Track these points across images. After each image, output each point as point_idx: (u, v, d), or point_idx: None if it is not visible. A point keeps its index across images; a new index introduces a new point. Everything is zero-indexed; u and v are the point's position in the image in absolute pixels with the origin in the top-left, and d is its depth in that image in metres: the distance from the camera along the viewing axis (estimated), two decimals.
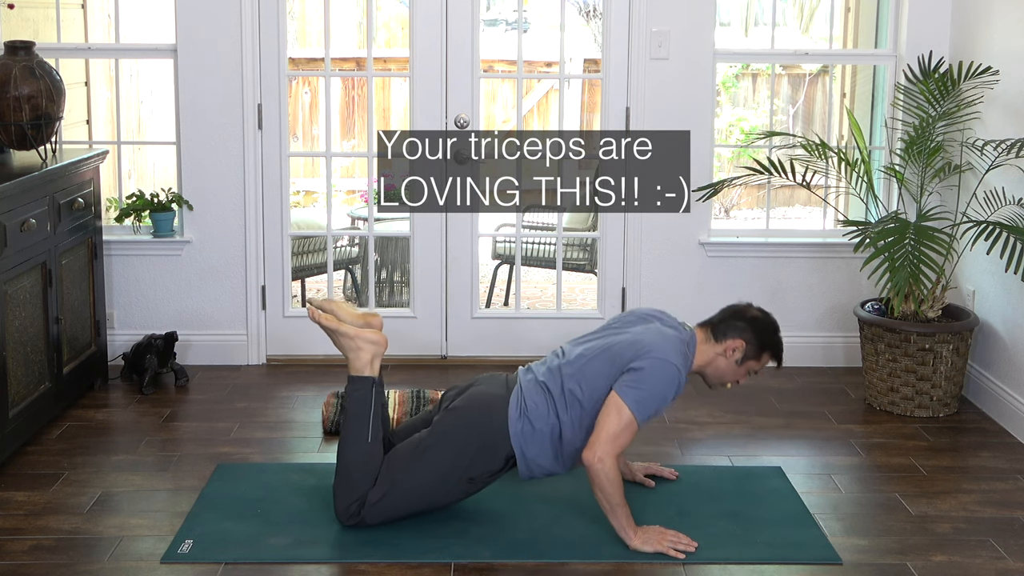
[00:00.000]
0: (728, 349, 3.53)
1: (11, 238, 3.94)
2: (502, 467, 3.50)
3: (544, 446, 3.46)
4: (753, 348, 3.54)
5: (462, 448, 3.45)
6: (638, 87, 5.05)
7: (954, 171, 4.77)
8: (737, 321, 3.56)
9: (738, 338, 3.53)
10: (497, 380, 3.63)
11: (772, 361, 3.61)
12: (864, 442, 4.35)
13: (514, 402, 3.48)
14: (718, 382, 3.61)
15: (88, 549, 3.38)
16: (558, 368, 3.53)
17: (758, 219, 8.32)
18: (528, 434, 3.45)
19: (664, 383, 3.38)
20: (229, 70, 5.01)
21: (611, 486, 3.33)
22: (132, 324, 5.16)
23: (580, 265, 6.39)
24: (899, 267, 4.35)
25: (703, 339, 3.56)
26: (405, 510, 3.47)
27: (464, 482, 3.47)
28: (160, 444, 4.25)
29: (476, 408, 3.50)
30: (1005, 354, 4.57)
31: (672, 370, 3.39)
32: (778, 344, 3.60)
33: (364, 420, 3.48)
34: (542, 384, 3.51)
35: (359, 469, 3.46)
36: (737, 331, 3.54)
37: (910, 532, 3.57)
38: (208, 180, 5.09)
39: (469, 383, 3.65)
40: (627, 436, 3.36)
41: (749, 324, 3.55)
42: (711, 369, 3.56)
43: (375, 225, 5.58)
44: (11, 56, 4.42)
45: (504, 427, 3.45)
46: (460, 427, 3.47)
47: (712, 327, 3.58)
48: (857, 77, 5.76)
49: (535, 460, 3.47)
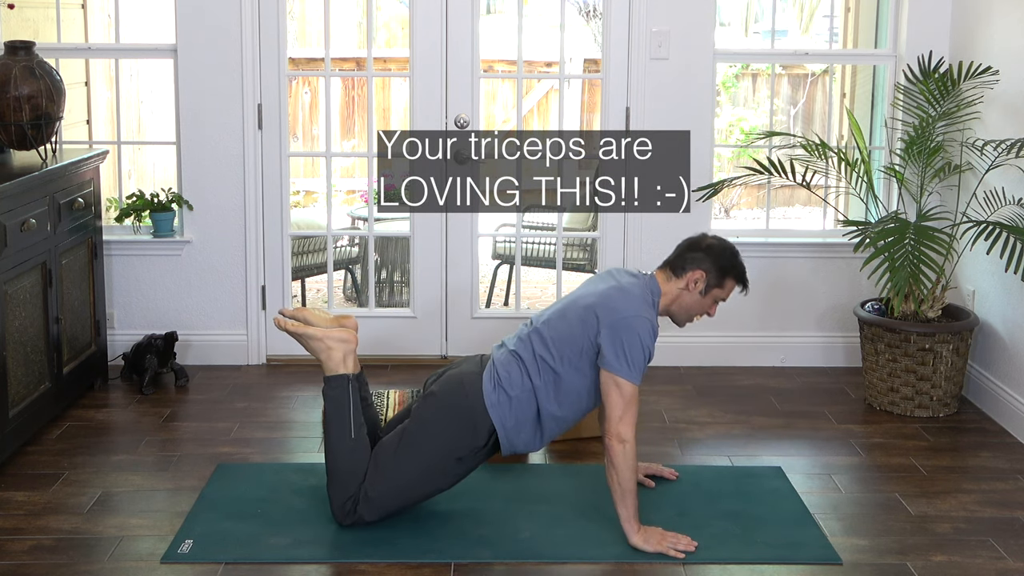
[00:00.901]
0: (690, 282, 3.52)
1: (11, 238, 3.94)
2: (486, 442, 3.50)
3: (523, 415, 3.47)
4: (714, 275, 3.52)
5: (443, 430, 3.45)
6: (638, 87, 5.05)
7: (954, 171, 4.77)
8: (694, 253, 3.54)
9: (697, 269, 3.51)
10: (472, 360, 3.65)
11: (737, 285, 3.58)
12: (864, 442, 4.35)
13: (487, 376, 3.50)
14: (687, 317, 3.59)
15: (88, 549, 3.38)
16: (527, 336, 3.55)
17: (758, 219, 8.32)
18: (504, 404, 3.46)
19: (642, 337, 3.38)
20: (229, 70, 5.01)
21: (628, 470, 3.34)
22: (132, 324, 5.16)
23: (580, 265, 6.39)
24: (899, 267, 4.35)
25: (664, 279, 3.55)
26: (400, 501, 3.48)
27: (452, 463, 3.47)
28: (160, 444, 4.25)
29: (452, 389, 3.51)
30: (1005, 354, 4.57)
31: (643, 323, 3.40)
32: (739, 267, 3.57)
33: (344, 418, 3.50)
34: (513, 353, 3.53)
35: (347, 466, 3.47)
36: (695, 262, 3.52)
37: (910, 532, 3.57)
38: (208, 180, 5.09)
39: (446, 368, 3.67)
40: (634, 405, 3.37)
41: (706, 253, 3.53)
42: (677, 306, 3.55)
43: (375, 225, 5.58)
44: (11, 56, 4.42)
45: (480, 402, 3.46)
46: (439, 410, 3.48)
47: (670, 265, 3.57)
48: (857, 77, 5.76)
49: (515, 431, 3.48)
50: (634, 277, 3.56)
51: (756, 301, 5.23)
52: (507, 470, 3.96)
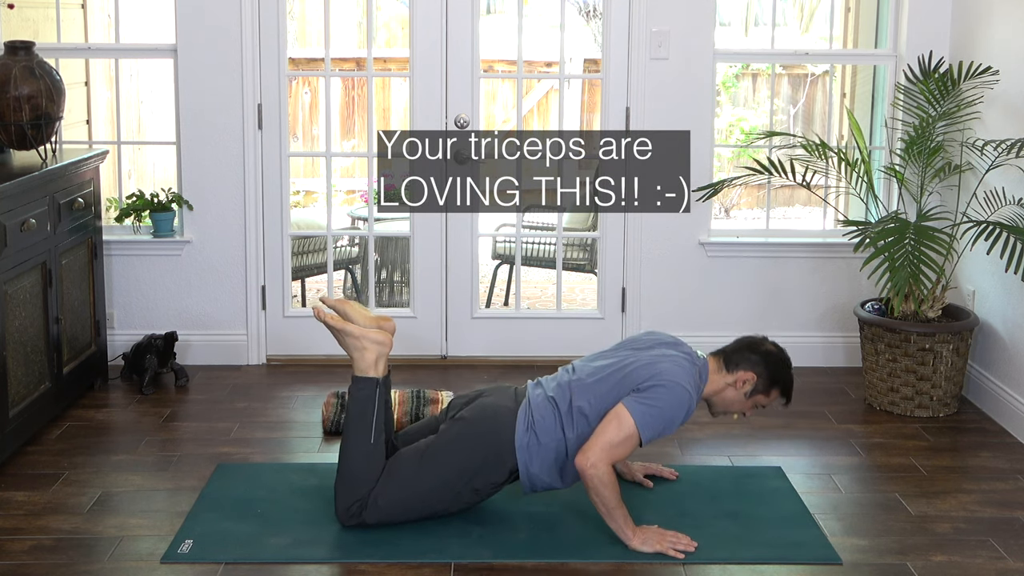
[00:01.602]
0: (739, 380, 3.51)
1: (11, 238, 3.94)
2: (505, 479, 3.50)
3: (548, 461, 3.46)
4: (764, 382, 3.51)
5: (468, 458, 3.45)
6: (638, 87, 5.05)
7: (954, 171, 4.77)
8: (750, 354, 3.53)
9: (750, 371, 3.50)
10: (506, 392, 3.62)
11: (781, 398, 3.58)
12: (864, 442, 4.35)
13: (522, 415, 3.48)
14: (723, 412, 3.59)
15: (88, 549, 3.38)
16: (568, 384, 3.51)
17: (758, 219, 8.32)
18: (534, 448, 3.45)
19: (674, 406, 3.37)
20: (229, 70, 5.01)
21: (606, 490, 3.33)
22: (132, 324, 5.16)
23: (580, 265, 6.39)
24: (899, 267, 4.35)
25: (715, 368, 3.53)
26: (406, 514, 3.47)
27: (468, 492, 3.47)
28: (160, 444, 4.25)
29: (484, 419, 3.49)
30: (1005, 354, 4.57)
31: (684, 394, 3.38)
32: (789, 381, 3.57)
33: (367, 421, 3.48)
34: (551, 399, 3.50)
35: (360, 470, 3.46)
36: (749, 363, 3.51)
37: (910, 532, 3.57)
38: (208, 180, 5.09)
39: (477, 393, 3.65)
40: (625, 448, 3.35)
41: (762, 358, 3.53)
42: (719, 398, 3.54)
43: (375, 225, 5.58)
44: (11, 56, 4.42)
45: (511, 439, 3.45)
46: (467, 437, 3.47)
47: (725, 356, 3.55)
48: (857, 77, 5.76)
49: (538, 475, 3.47)
50: (688, 355, 3.52)
51: (756, 301, 5.23)
52: None
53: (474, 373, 5.12)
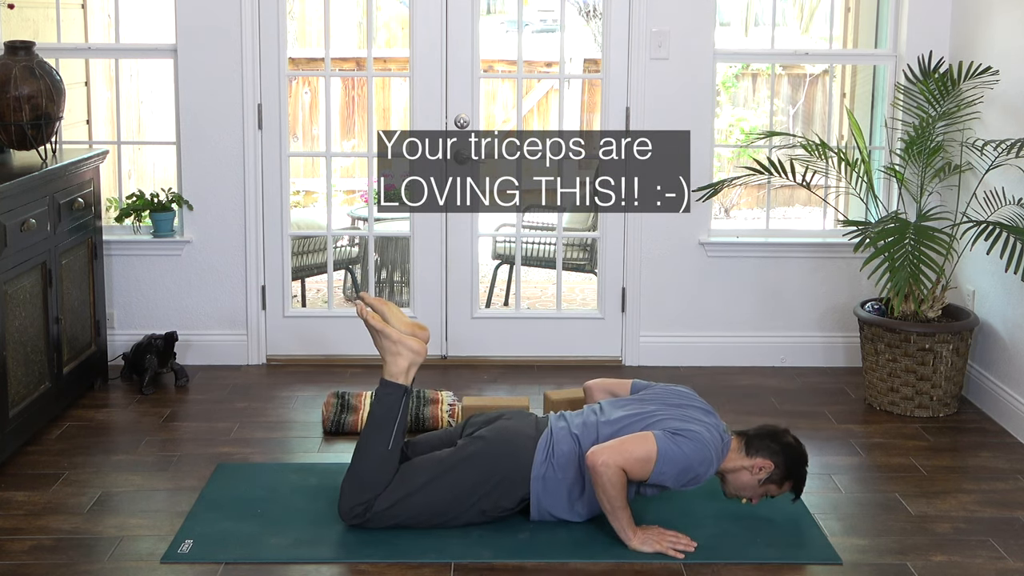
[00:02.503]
0: (756, 466, 3.50)
1: (11, 238, 3.94)
2: (514, 506, 3.50)
3: (561, 495, 3.47)
4: (779, 473, 3.51)
5: (482, 478, 3.45)
6: (638, 87, 5.05)
7: (954, 171, 4.77)
8: (772, 443, 3.52)
9: (768, 459, 3.49)
10: (527, 419, 3.62)
11: (791, 492, 3.58)
12: (864, 442, 4.35)
13: (542, 445, 3.48)
14: (734, 493, 3.57)
15: (88, 549, 3.38)
16: (595, 425, 3.52)
17: (758, 219, 8.32)
18: (550, 480, 3.46)
19: (696, 460, 3.38)
20: (229, 70, 5.00)
21: (614, 490, 3.33)
22: (132, 324, 5.16)
23: (580, 265, 6.39)
24: (899, 267, 4.35)
25: (736, 447, 3.53)
26: (410, 522, 3.47)
27: (475, 512, 3.47)
28: (160, 444, 4.25)
29: (503, 442, 3.49)
30: (1005, 354, 4.57)
31: (708, 455, 3.40)
32: (802, 477, 3.56)
33: (388, 428, 3.48)
34: (575, 436, 3.50)
35: (372, 474, 3.45)
36: (769, 452, 3.50)
37: (910, 532, 3.57)
38: (208, 180, 5.09)
39: (498, 414, 3.65)
40: (638, 467, 3.35)
41: (783, 449, 3.51)
42: (733, 477, 3.53)
43: (375, 225, 5.57)
44: (11, 56, 4.42)
45: (528, 467, 3.46)
46: (484, 456, 3.47)
47: (747, 440, 3.54)
48: (857, 77, 5.76)
49: (547, 508, 3.49)
50: (717, 427, 3.52)
51: (756, 301, 5.23)
52: None
53: (474, 373, 5.12)
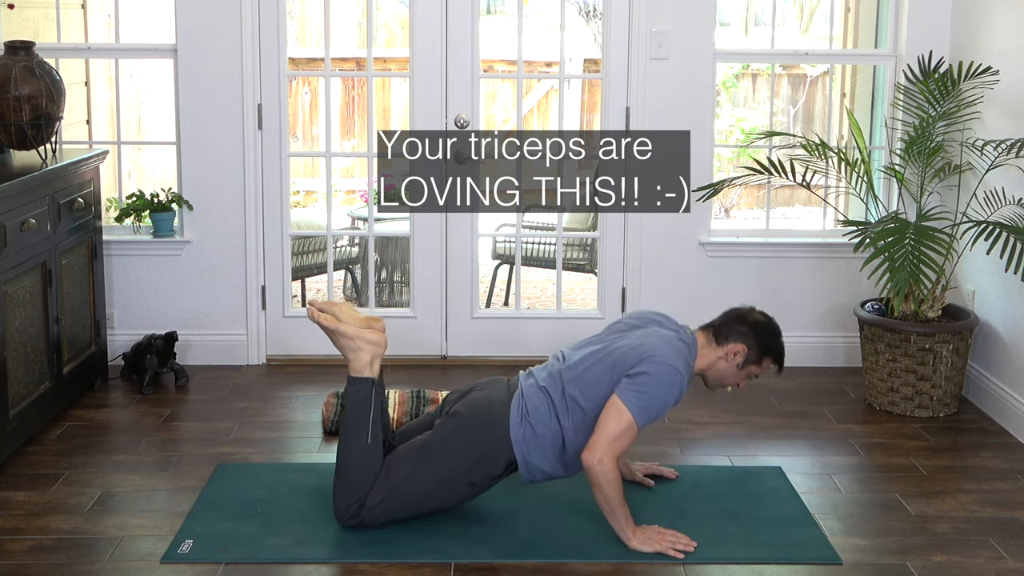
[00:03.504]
0: (729, 353, 3.52)
1: (11, 238, 3.94)
2: (502, 472, 3.50)
3: (545, 451, 3.46)
4: (755, 352, 3.53)
5: (464, 452, 3.44)
6: (638, 87, 5.05)
7: (954, 171, 4.77)
8: (739, 325, 3.54)
9: (740, 342, 3.52)
10: (498, 385, 3.62)
11: (773, 365, 3.59)
12: (864, 442, 4.35)
13: (515, 407, 3.48)
14: (718, 385, 3.61)
15: (88, 549, 3.38)
16: (559, 373, 3.52)
17: (758, 219, 8.32)
18: (530, 439, 3.45)
19: (666, 387, 3.37)
20: (229, 70, 5.01)
21: (611, 488, 3.33)
22: (132, 324, 5.16)
23: (580, 265, 6.39)
24: (899, 267, 4.35)
25: (704, 342, 3.54)
26: (405, 512, 3.47)
27: (465, 486, 3.47)
28: (160, 444, 4.25)
29: (478, 413, 3.49)
30: (1005, 354, 4.57)
31: (674, 374, 3.38)
32: (780, 349, 3.58)
33: (364, 421, 3.48)
34: (543, 389, 3.50)
35: (358, 470, 3.46)
36: (739, 335, 3.52)
37: (910, 532, 3.57)
38: (208, 180, 5.09)
39: (470, 387, 3.65)
40: (627, 439, 3.35)
41: (751, 328, 3.54)
42: (712, 372, 3.56)
43: (375, 225, 5.58)
44: (11, 56, 4.42)
45: (506, 432, 3.45)
46: (462, 431, 3.47)
47: (714, 330, 3.56)
48: (857, 77, 5.76)
49: (536, 465, 3.47)
50: (676, 331, 3.53)
51: (756, 301, 5.21)
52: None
53: (474, 373, 5.12)
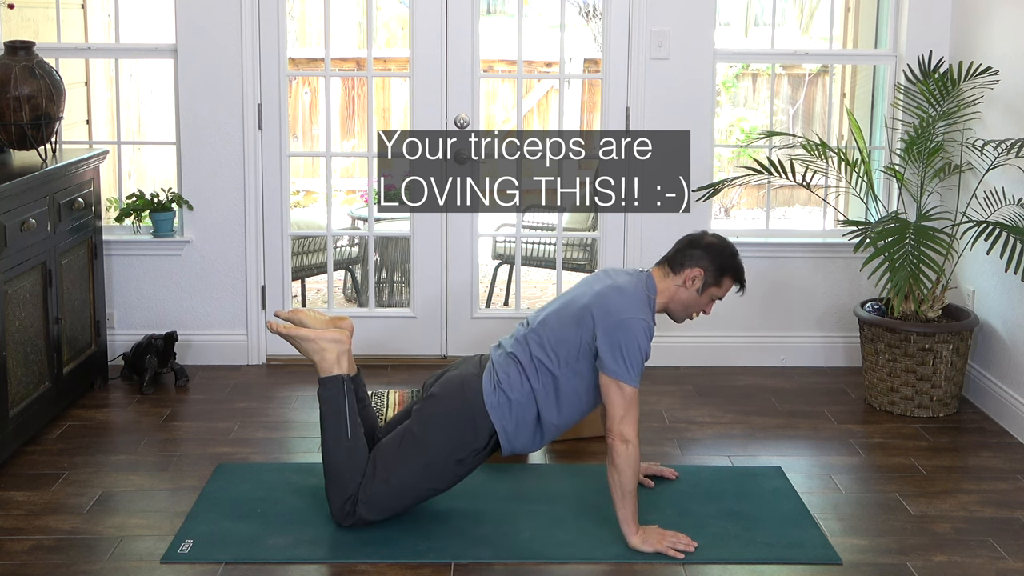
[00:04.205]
0: (687, 279, 3.50)
1: (11, 238, 3.94)
2: (486, 444, 3.49)
3: (523, 417, 3.47)
4: (712, 274, 3.51)
5: (444, 432, 3.45)
6: (638, 87, 5.05)
7: (954, 171, 4.77)
8: (693, 250, 3.53)
9: (695, 266, 3.50)
10: (470, 361, 3.64)
11: (734, 284, 3.57)
12: (864, 442, 4.35)
13: (487, 377, 3.49)
14: (684, 315, 3.58)
15: (88, 549, 3.38)
16: (524, 338, 3.54)
17: (758, 219, 8.32)
18: (505, 406, 3.45)
19: (639, 339, 3.37)
20: (229, 70, 5.01)
21: (630, 470, 3.34)
22: (132, 324, 5.16)
23: (580, 265, 6.38)
24: (899, 267, 4.35)
25: (661, 276, 3.53)
26: (400, 502, 3.48)
27: (452, 464, 3.47)
28: (160, 444, 4.25)
29: (452, 391, 3.51)
30: (1005, 354, 4.57)
31: (639, 324, 3.39)
32: (738, 267, 3.55)
33: (340, 418, 3.50)
34: (511, 355, 3.52)
35: (345, 467, 3.47)
36: (694, 260, 3.51)
37: (910, 532, 3.57)
38: (208, 180, 5.09)
39: (445, 369, 3.67)
40: (635, 406, 3.37)
41: (705, 251, 3.52)
42: (674, 304, 3.54)
43: (375, 225, 5.58)
44: (11, 56, 4.42)
45: (481, 403, 3.45)
46: (439, 412, 3.48)
47: (668, 261, 3.56)
48: (857, 77, 5.76)
49: (515, 434, 3.48)
50: (630, 276, 3.55)
51: (756, 301, 5.23)
52: (507, 470, 3.96)
53: None
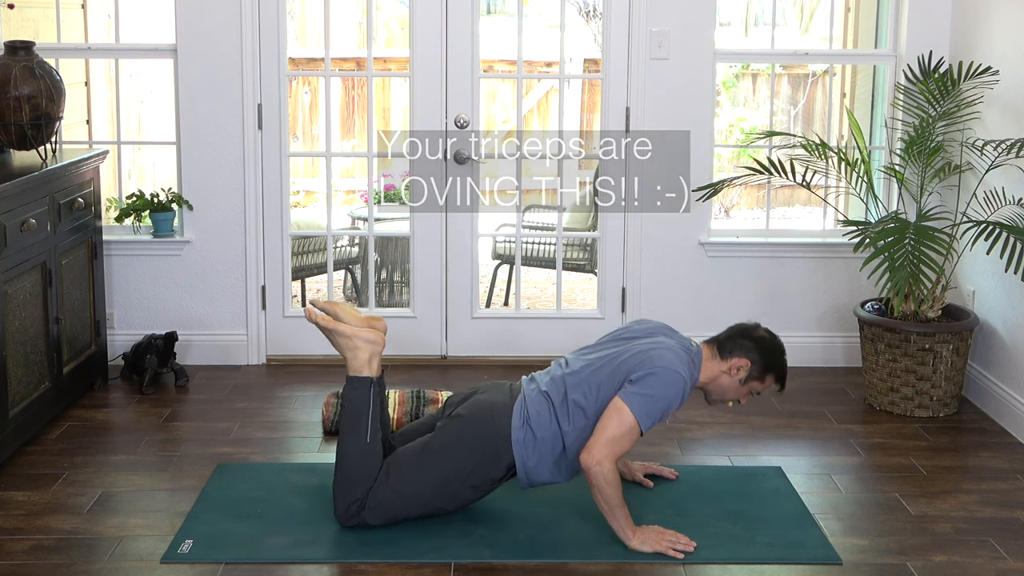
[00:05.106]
0: (733, 367, 3.51)
1: (11, 238, 3.94)
2: (503, 475, 3.50)
3: (545, 456, 3.46)
4: (758, 369, 3.52)
5: (465, 455, 3.45)
6: (638, 87, 5.05)
7: (954, 171, 4.77)
8: (744, 340, 3.53)
9: (744, 357, 3.51)
10: (500, 388, 3.62)
11: (775, 384, 3.58)
12: (864, 442, 4.35)
13: (517, 411, 3.48)
14: (720, 399, 3.59)
15: (88, 549, 3.38)
16: (561, 378, 3.52)
17: (758, 219, 8.32)
18: (530, 443, 3.45)
19: (669, 391, 3.37)
20: (229, 70, 5.01)
21: (610, 488, 3.33)
22: (132, 324, 5.16)
23: (580, 265, 6.39)
24: (899, 267, 4.35)
25: (708, 355, 3.54)
26: (406, 513, 3.47)
27: (466, 489, 3.47)
28: (160, 444, 4.25)
29: (480, 416, 3.49)
30: (1005, 354, 4.57)
31: (678, 379, 3.38)
32: (783, 367, 3.57)
33: (362, 421, 3.48)
34: (544, 394, 3.50)
35: (358, 470, 3.46)
36: (743, 350, 3.51)
37: (910, 532, 3.57)
38: (208, 180, 5.09)
39: (472, 390, 3.65)
40: (628, 441, 3.35)
41: (756, 344, 3.53)
42: (714, 386, 3.54)
43: (375, 225, 5.58)
44: (11, 56, 4.42)
45: (507, 435, 3.45)
46: (464, 434, 3.47)
47: (718, 344, 3.56)
48: (857, 77, 5.76)
49: (535, 470, 3.47)
50: (682, 342, 3.53)
51: (756, 301, 5.23)
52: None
53: (474, 373, 5.12)
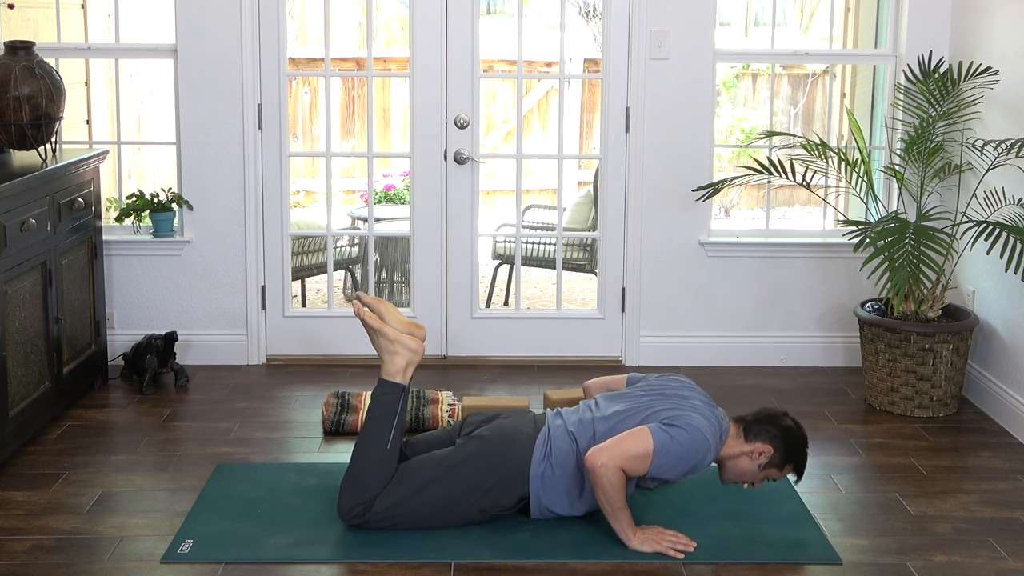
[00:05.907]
0: (755, 451, 3.49)
1: (11, 238, 3.94)
2: (514, 505, 3.50)
3: (560, 493, 3.47)
4: (779, 457, 3.50)
5: (481, 477, 3.45)
6: (638, 87, 5.05)
7: (954, 171, 4.77)
8: (771, 427, 3.50)
9: (768, 444, 3.48)
10: (525, 417, 3.62)
11: (792, 475, 3.57)
12: (864, 442, 4.35)
13: (540, 444, 3.48)
14: (733, 479, 3.56)
15: (88, 549, 3.38)
16: (591, 421, 3.51)
17: (758, 219, 8.32)
18: (548, 478, 3.46)
19: (692, 450, 3.37)
20: (229, 70, 5.01)
21: (614, 490, 3.33)
22: (132, 324, 5.16)
23: (580, 265, 6.39)
24: (899, 267, 4.35)
25: (734, 434, 3.52)
26: (410, 523, 3.47)
27: (474, 510, 3.47)
28: (160, 444, 4.25)
29: (502, 440, 3.49)
30: (1005, 354, 4.57)
31: (705, 444, 3.38)
32: (803, 459, 3.54)
33: (387, 427, 3.48)
34: (571, 434, 3.50)
35: (371, 473, 3.46)
36: (768, 436, 3.49)
37: (910, 532, 3.57)
38: (208, 180, 5.09)
39: (496, 413, 3.66)
40: (637, 464, 3.34)
41: (782, 433, 3.50)
42: (732, 464, 3.52)
43: (375, 225, 5.57)
44: (11, 56, 4.42)
45: (527, 466, 3.46)
46: (483, 456, 3.47)
47: (744, 425, 3.53)
48: (857, 77, 5.76)
49: (548, 505, 3.49)
50: (715, 415, 3.51)
51: (756, 301, 5.24)
52: None
53: (474, 373, 5.12)
